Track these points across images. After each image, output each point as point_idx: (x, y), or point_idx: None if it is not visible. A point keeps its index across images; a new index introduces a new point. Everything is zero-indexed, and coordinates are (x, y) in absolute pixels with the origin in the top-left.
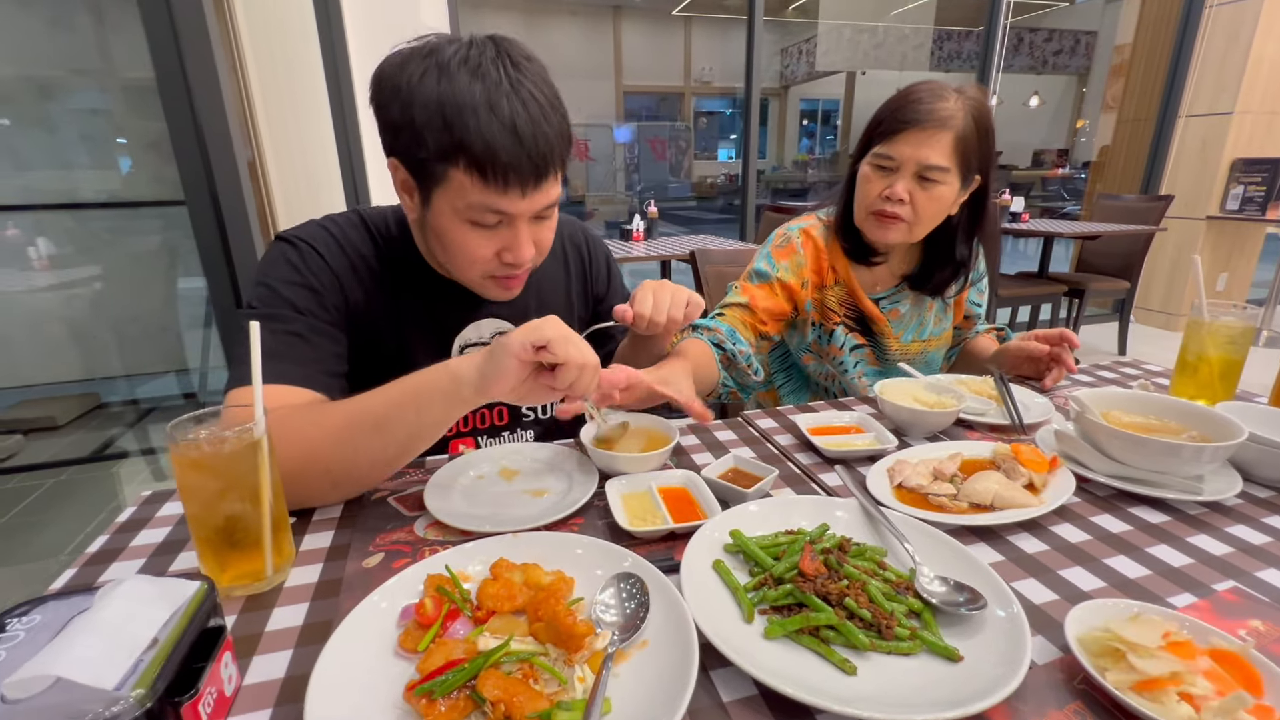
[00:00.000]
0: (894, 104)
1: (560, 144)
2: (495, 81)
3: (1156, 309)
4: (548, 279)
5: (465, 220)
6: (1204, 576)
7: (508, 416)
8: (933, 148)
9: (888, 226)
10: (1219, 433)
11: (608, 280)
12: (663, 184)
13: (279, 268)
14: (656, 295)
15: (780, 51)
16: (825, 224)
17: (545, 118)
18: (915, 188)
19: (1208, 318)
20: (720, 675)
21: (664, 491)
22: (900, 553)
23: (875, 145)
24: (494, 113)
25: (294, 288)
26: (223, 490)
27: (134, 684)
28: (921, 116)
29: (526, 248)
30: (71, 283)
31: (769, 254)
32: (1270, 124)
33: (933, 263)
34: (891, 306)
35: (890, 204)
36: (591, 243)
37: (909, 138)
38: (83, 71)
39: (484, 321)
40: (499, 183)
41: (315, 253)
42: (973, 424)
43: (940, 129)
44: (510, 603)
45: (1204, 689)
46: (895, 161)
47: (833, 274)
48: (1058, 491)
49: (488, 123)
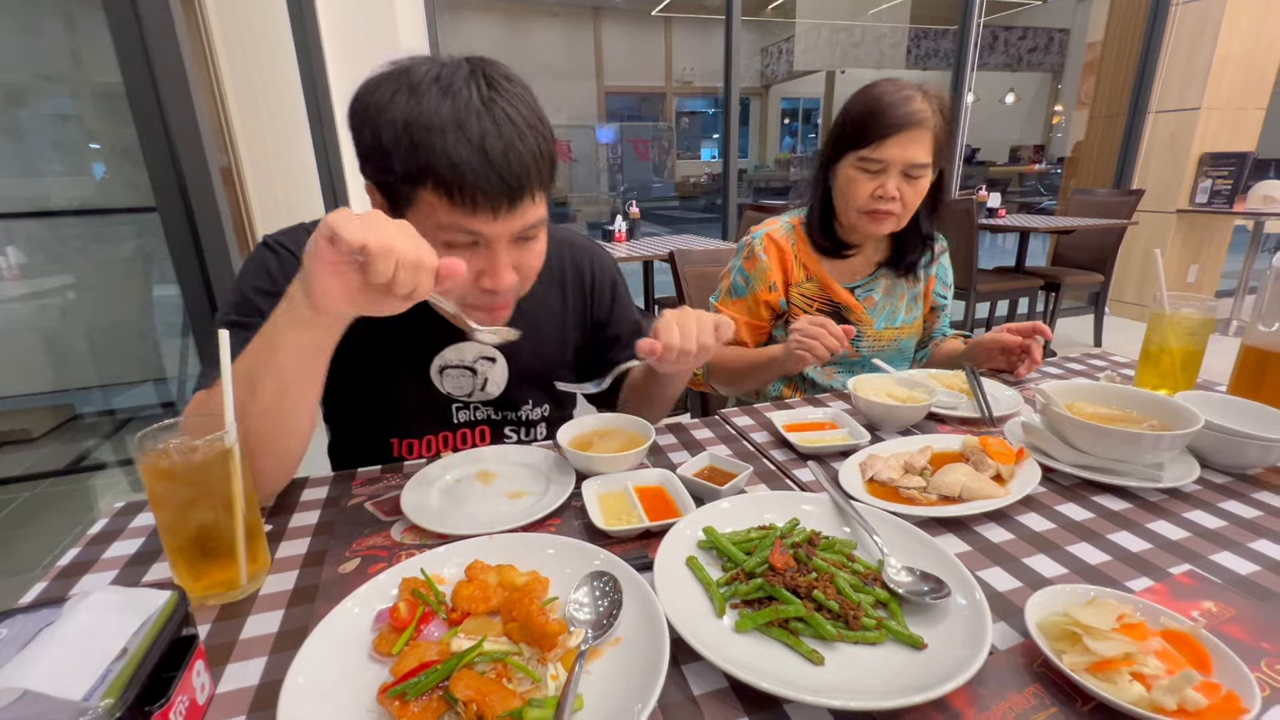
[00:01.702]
0: (867, 108)
1: (539, 164)
2: (465, 100)
3: (1130, 301)
4: (540, 303)
5: (439, 243)
6: (1161, 561)
7: (490, 436)
8: (917, 147)
9: (881, 221)
10: (1178, 421)
11: (610, 306)
12: (646, 184)
13: (256, 275)
14: (683, 324)
15: (760, 51)
16: (792, 224)
17: (520, 137)
18: (902, 184)
19: (1169, 310)
20: (692, 669)
21: (640, 491)
22: (870, 545)
23: (859, 150)
24: (462, 131)
25: (266, 296)
26: (193, 499)
27: (103, 694)
28: (904, 120)
29: (505, 273)
30: (45, 292)
31: (740, 267)
32: (1236, 119)
33: (904, 243)
34: (866, 295)
35: (883, 202)
36: (598, 267)
37: (896, 141)
38: (54, 77)
39: (465, 344)
40: (467, 204)
41: (295, 259)
42: (944, 418)
43: (921, 129)
44: (485, 604)
45: (1155, 668)
46: (883, 164)
47: (802, 271)
48: (1024, 482)
49: (455, 142)
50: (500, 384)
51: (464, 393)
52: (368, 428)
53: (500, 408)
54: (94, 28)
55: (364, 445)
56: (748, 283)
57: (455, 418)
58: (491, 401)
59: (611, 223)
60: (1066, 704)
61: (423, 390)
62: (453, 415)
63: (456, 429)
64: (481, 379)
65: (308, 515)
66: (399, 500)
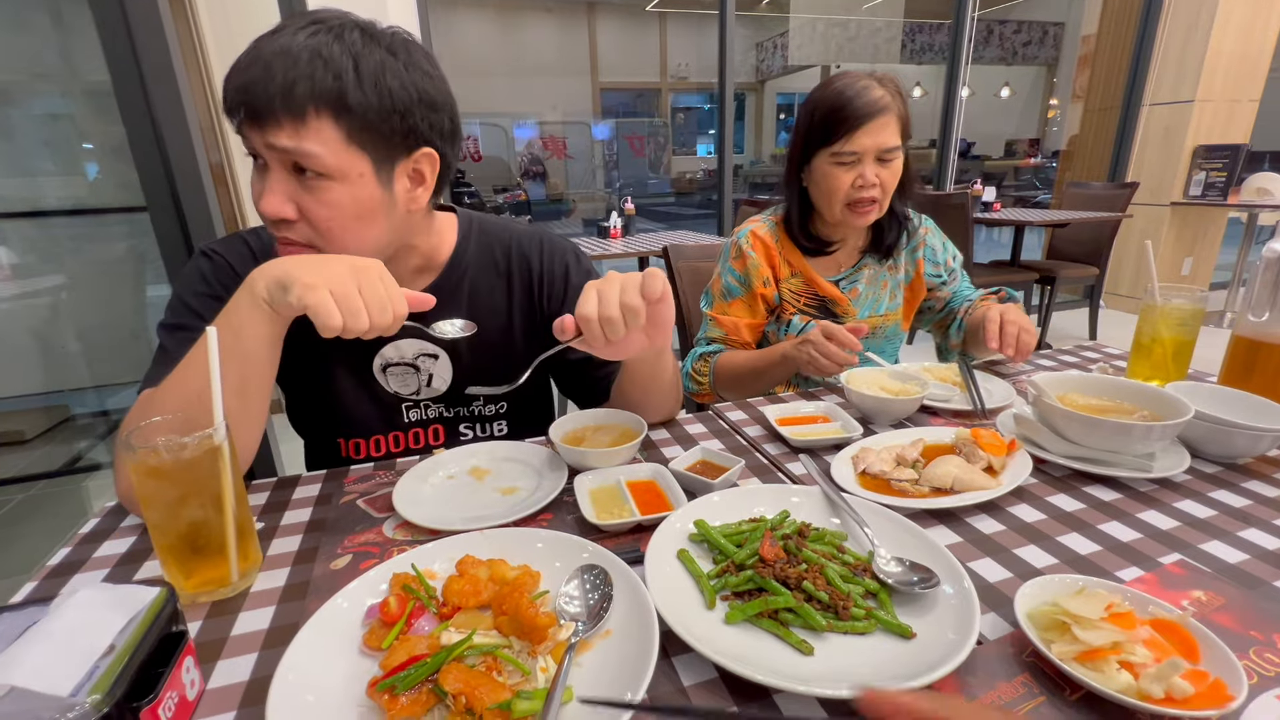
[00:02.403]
0: (831, 105)
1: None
2: (280, 28)
3: (1125, 294)
4: (483, 294)
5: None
6: (1151, 550)
7: (444, 435)
8: (886, 131)
9: (865, 213)
10: (1168, 412)
11: (564, 295)
12: (642, 180)
13: (191, 280)
14: (602, 290)
15: (755, 46)
16: (774, 221)
17: (313, 53)
18: (879, 169)
19: (1160, 301)
20: (681, 661)
21: (632, 485)
22: (860, 537)
23: (831, 145)
24: (274, 34)
25: (201, 299)
26: (183, 497)
27: (90, 689)
28: (869, 109)
29: (269, 197)
30: (37, 292)
31: (730, 268)
32: (1230, 111)
33: (882, 227)
34: (851, 286)
35: (865, 190)
36: (548, 255)
37: (865, 131)
38: (44, 75)
39: (403, 341)
40: (230, 100)
41: (227, 265)
42: (937, 410)
43: (886, 114)
44: (476, 598)
45: (1143, 657)
46: (857, 154)
47: (787, 267)
48: (1015, 473)
49: (257, 46)
50: (446, 379)
51: (411, 390)
52: (323, 429)
53: (451, 404)
54: (85, 24)
55: (327, 449)
56: (742, 281)
57: (406, 417)
58: (441, 398)
59: (607, 219)
60: (1055, 693)
61: (369, 390)
62: (403, 415)
63: (408, 429)
64: (425, 375)
65: (299, 513)
66: (390, 497)
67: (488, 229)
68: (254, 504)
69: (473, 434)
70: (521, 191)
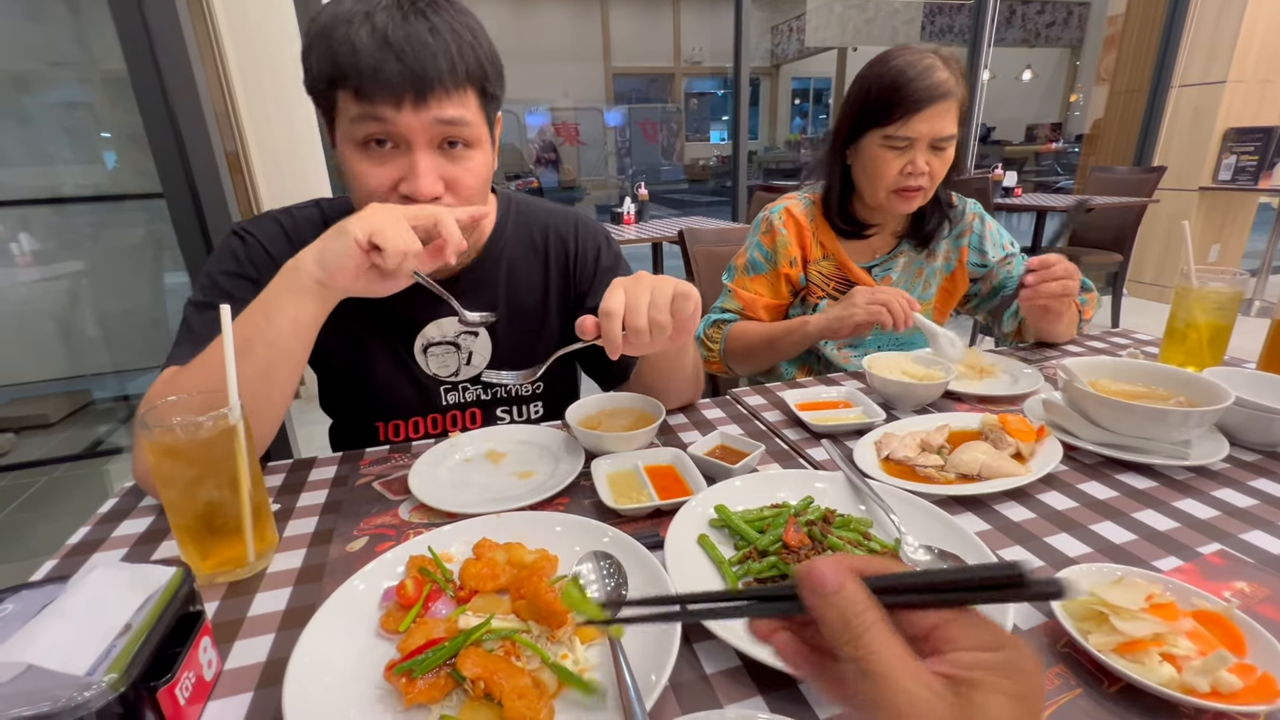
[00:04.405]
0: (891, 82)
1: (457, 59)
2: (378, 2)
3: (1149, 281)
4: (521, 273)
5: (356, 144)
6: (1190, 540)
7: (481, 419)
8: (945, 119)
9: (911, 199)
10: (1206, 398)
11: (593, 275)
12: (655, 167)
13: (223, 259)
14: (632, 294)
15: (771, 29)
16: (811, 199)
17: (434, 31)
18: (931, 157)
19: (1196, 284)
20: (703, 648)
21: (650, 469)
22: (886, 524)
23: (884, 127)
24: (368, 20)
25: (233, 279)
26: (199, 477)
27: (107, 669)
28: (931, 93)
29: (424, 179)
30: (59, 278)
31: (758, 242)
32: (1263, 93)
33: (922, 215)
34: (884, 274)
35: (914, 179)
36: (582, 235)
37: (923, 116)
38: (62, 64)
39: (445, 320)
40: (367, 90)
41: (260, 245)
42: (961, 396)
43: (947, 99)
44: (493, 582)
45: (1186, 649)
46: (910, 140)
47: (819, 248)
48: (1045, 460)
49: (357, 30)
50: (485, 357)
51: (450, 371)
52: (359, 413)
53: (489, 385)
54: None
55: (358, 430)
56: (768, 258)
57: (444, 399)
58: (477, 379)
59: (620, 205)
60: (1093, 685)
61: (408, 372)
62: (441, 397)
63: (446, 411)
64: (466, 353)
65: (315, 494)
66: (407, 479)
67: (524, 209)
68: (270, 485)
69: (509, 417)
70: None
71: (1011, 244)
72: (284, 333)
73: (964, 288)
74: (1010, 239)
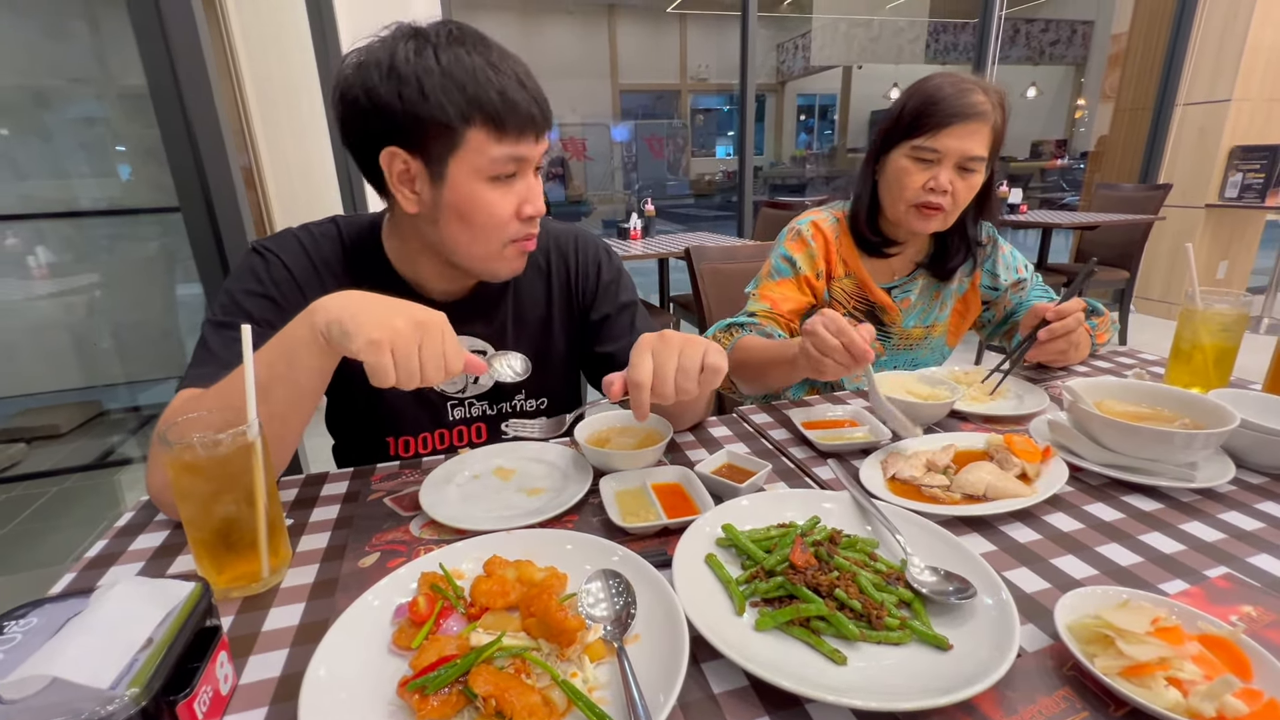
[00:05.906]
0: (927, 97)
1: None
2: (485, 50)
3: (1156, 298)
4: (526, 293)
5: (486, 179)
6: (1196, 563)
7: (486, 434)
8: (975, 139)
9: (929, 217)
10: (1212, 420)
11: (596, 291)
12: (661, 182)
13: (243, 278)
14: (660, 357)
15: (776, 47)
16: (836, 216)
17: (530, 75)
18: (955, 177)
19: (1201, 306)
20: (711, 667)
21: (658, 488)
22: (892, 544)
23: (914, 139)
24: (497, 69)
25: (254, 298)
26: (216, 493)
27: (129, 682)
28: (964, 111)
29: (539, 199)
30: (72, 290)
31: (785, 249)
32: (1269, 111)
33: (946, 246)
34: (903, 296)
35: (935, 195)
36: (582, 248)
37: (954, 131)
38: (81, 80)
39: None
40: (514, 131)
41: (281, 263)
42: (967, 415)
43: (981, 121)
44: (503, 599)
45: (1192, 674)
46: (939, 154)
47: (843, 266)
48: (1050, 481)
49: (497, 77)
50: (493, 377)
51: (457, 388)
52: (369, 430)
53: (494, 401)
54: (120, 30)
55: (365, 448)
56: (794, 264)
57: (451, 415)
58: (485, 395)
59: (626, 220)
60: (1098, 709)
61: (418, 392)
62: (448, 413)
63: (452, 426)
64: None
65: (328, 510)
66: (417, 496)
67: None
68: (283, 500)
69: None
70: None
71: (1025, 267)
72: (303, 378)
73: (976, 310)
74: (1024, 262)
